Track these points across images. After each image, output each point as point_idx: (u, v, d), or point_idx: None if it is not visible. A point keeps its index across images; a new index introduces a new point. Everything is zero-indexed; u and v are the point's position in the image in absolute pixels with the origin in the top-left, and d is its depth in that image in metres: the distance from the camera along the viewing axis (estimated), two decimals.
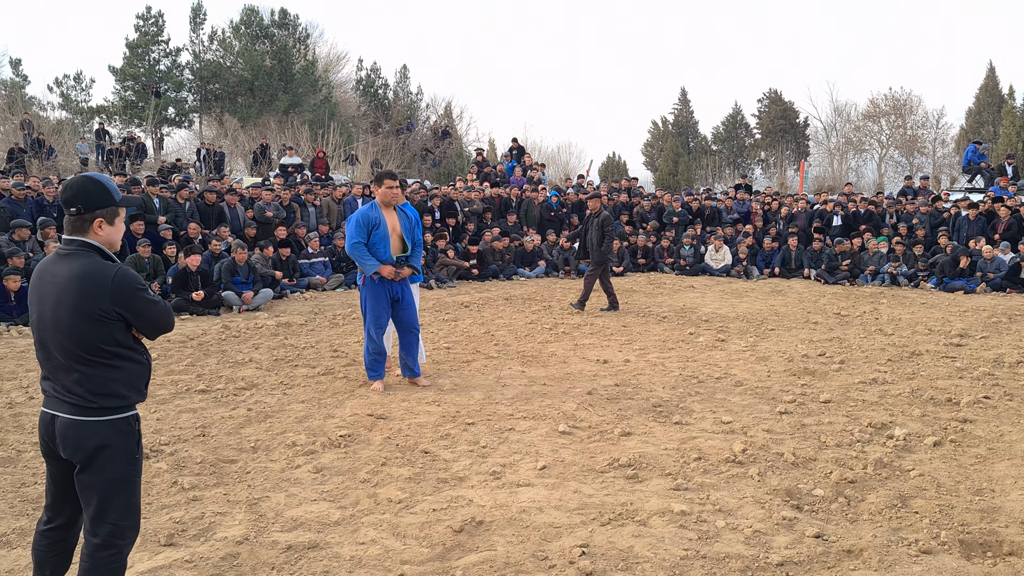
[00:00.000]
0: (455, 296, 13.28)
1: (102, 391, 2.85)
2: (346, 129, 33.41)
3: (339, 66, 41.42)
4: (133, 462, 2.94)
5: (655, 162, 46.92)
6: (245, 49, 34.80)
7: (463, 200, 17.75)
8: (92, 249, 2.88)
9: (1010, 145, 31.13)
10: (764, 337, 9.71)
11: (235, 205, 14.79)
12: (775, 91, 45.91)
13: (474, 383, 7.36)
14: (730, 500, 4.53)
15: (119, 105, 33.30)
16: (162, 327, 2.99)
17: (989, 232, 15.98)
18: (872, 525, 4.22)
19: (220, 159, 25.34)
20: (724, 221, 18.94)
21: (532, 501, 4.51)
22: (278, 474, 4.96)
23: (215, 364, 8.05)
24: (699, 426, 6.01)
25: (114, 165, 22.79)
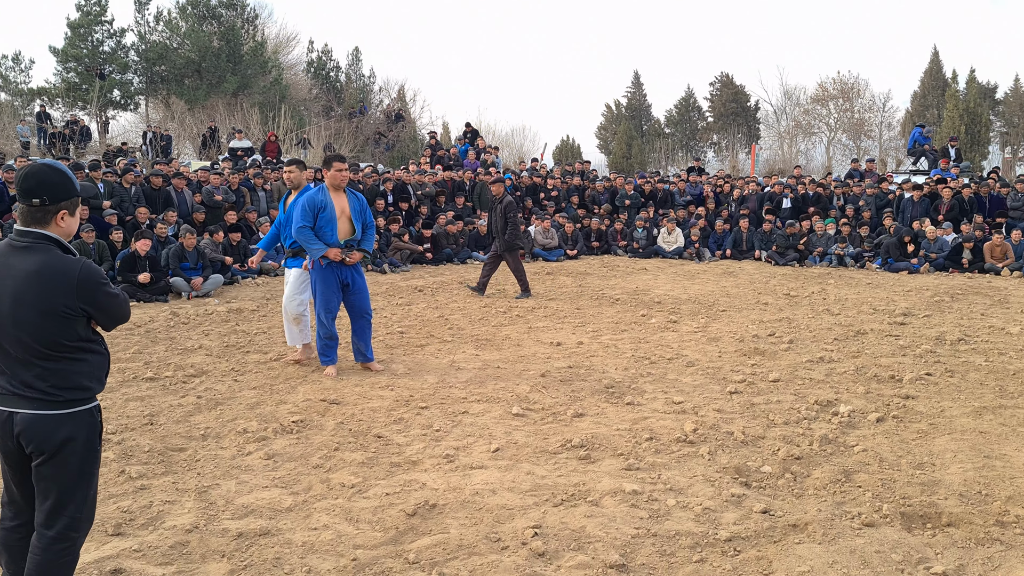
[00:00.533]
0: (409, 280, 13.23)
1: (67, 384, 2.79)
2: (297, 112, 32.90)
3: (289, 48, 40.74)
4: (94, 454, 2.90)
5: (609, 145, 47.08)
6: (192, 30, 34.00)
7: (416, 184, 17.64)
8: (51, 242, 2.79)
9: (953, 128, 31.85)
10: (715, 318, 9.84)
11: (182, 189, 14.51)
12: (727, 75, 46.35)
13: (428, 367, 7.35)
14: (681, 479, 4.60)
15: (61, 87, 32.34)
16: (121, 319, 2.96)
17: (932, 213, 16.37)
18: (817, 500, 4.32)
19: (167, 143, 24.81)
20: (677, 204, 19.11)
21: (485, 483, 4.53)
22: (228, 461, 4.91)
23: (163, 352, 7.92)
24: (651, 407, 6.08)
25: (57, 149, 22.19)
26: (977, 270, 14.37)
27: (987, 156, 34.11)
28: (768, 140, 44.15)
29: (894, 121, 41.48)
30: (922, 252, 14.87)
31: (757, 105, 45.41)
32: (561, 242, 16.85)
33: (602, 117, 50.71)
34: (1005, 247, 14.42)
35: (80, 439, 2.83)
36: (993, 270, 14.19)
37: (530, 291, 11.68)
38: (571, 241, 17.03)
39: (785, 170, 30.61)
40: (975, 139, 32.63)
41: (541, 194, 19.07)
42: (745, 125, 44.70)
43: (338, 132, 30.68)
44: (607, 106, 50.80)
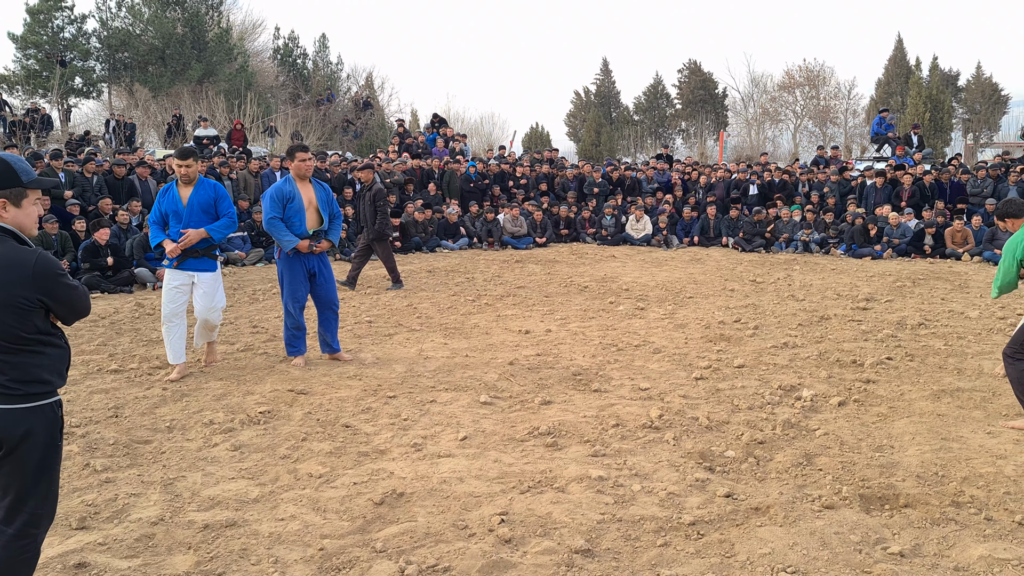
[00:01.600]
0: (377, 269, 13.17)
1: (27, 378, 2.76)
2: (264, 100, 32.54)
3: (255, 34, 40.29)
4: (55, 449, 2.86)
5: (578, 132, 47.15)
6: (155, 16, 33.46)
7: (384, 172, 17.56)
8: (6, 233, 2.76)
9: (917, 115, 32.28)
10: (682, 305, 9.93)
11: (146, 178, 14.33)
12: (695, 62, 46.53)
13: (396, 356, 7.35)
14: (646, 464, 4.66)
15: (21, 75, 31.68)
16: (81, 311, 2.92)
17: (895, 200, 16.61)
18: (779, 483, 4.40)
19: (131, 131, 24.43)
20: (644, 191, 19.21)
21: (452, 471, 4.56)
22: (195, 453, 4.89)
23: (128, 343, 7.84)
24: (617, 393, 6.14)
25: (17, 138, 21.76)
26: (938, 255, 14.62)
27: (949, 143, 34.63)
28: (736, 127, 44.49)
29: (859, 108, 41.98)
30: (885, 238, 15.09)
31: (725, 92, 45.70)
32: (530, 230, 16.88)
33: (571, 104, 50.74)
34: (965, 233, 14.69)
35: (40, 434, 2.79)
36: (954, 255, 14.45)
37: (402, 282, 11.38)
38: (540, 229, 17.06)
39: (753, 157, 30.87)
40: (938, 126, 33.11)
41: (510, 182, 19.06)
42: (713, 112, 44.94)
43: (305, 120, 30.41)
44: (576, 93, 50.86)
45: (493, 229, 16.69)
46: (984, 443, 4.97)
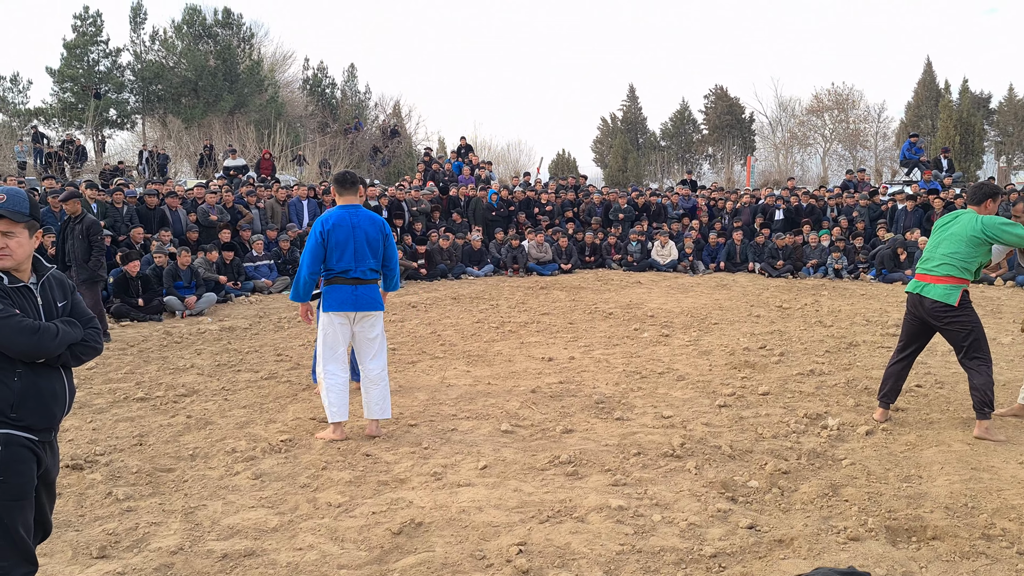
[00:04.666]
0: (403, 296, 13.23)
1: None
2: (293, 129, 33.07)
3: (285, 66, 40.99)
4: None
5: (605, 159, 47.25)
6: (188, 49, 34.21)
7: (411, 200, 17.69)
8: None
9: (947, 138, 31.96)
10: (707, 331, 9.85)
11: (177, 208, 14.55)
12: (721, 87, 46.57)
13: (418, 384, 7.35)
14: (667, 494, 4.60)
15: (57, 107, 32.51)
16: (12, 348, 2.77)
17: (926, 224, 16.40)
18: (803, 514, 4.32)
19: (164, 161, 24.90)
20: (670, 217, 19.17)
21: (472, 501, 4.53)
22: (216, 482, 4.91)
23: (155, 371, 7.92)
24: (640, 421, 6.09)
25: (53, 169, 22.23)
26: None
27: (982, 166, 34.22)
28: (764, 152, 44.37)
29: (889, 131, 41.70)
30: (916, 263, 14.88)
31: (752, 117, 45.65)
32: (555, 256, 16.88)
33: (598, 131, 50.94)
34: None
35: None
36: (986, 280, 14.21)
37: (109, 336, 9.55)
38: (565, 255, 17.06)
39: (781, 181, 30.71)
40: (969, 149, 32.72)
41: (535, 208, 19.11)
42: (740, 137, 44.86)
43: (333, 148, 30.78)
44: (603, 120, 51.06)
45: (518, 256, 16.71)
46: (1016, 473, 4.85)
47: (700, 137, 47.71)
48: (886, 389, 6.01)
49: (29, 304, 2.87)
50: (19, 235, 2.82)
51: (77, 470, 5.05)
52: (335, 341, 5.77)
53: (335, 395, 5.68)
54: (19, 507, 2.83)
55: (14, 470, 2.81)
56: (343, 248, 5.67)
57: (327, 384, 5.72)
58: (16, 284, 2.84)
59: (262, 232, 14.99)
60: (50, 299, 2.97)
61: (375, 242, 5.81)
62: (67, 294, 3.06)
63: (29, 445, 2.86)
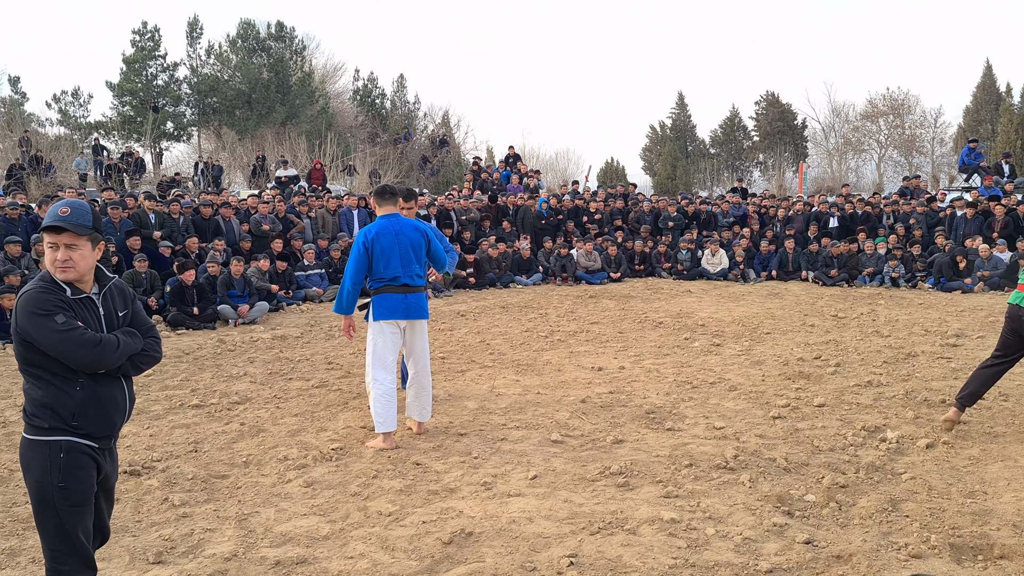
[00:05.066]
0: (451, 305, 13.28)
1: (27, 407, 2.90)
2: (344, 139, 33.48)
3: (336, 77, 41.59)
4: (52, 488, 2.85)
5: (653, 167, 46.92)
6: (242, 62, 34.92)
7: (460, 209, 17.76)
8: (45, 273, 2.93)
9: (1008, 143, 31.08)
10: (760, 341, 9.70)
11: (230, 218, 14.81)
12: (772, 93, 45.91)
13: (468, 393, 7.36)
14: (720, 507, 4.52)
15: (117, 120, 33.42)
16: (74, 359, 2.82)
17: (986, 231, 15.97)
18: (862, 530, 4.20)
19: (218, 172, 25.40)
20: (720, 225, 18.95)
21: (522, 511, 4.50)
22: (269, 489, 4.96)
23: (210, 379, 8.05)
24: (691, 432, 6.00)
25: (112, 180, 22.83)
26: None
27: None
28: (816, 158, 43.64)
29: (946, 137, 40.64)
30: (977, 272, 14.49)
31: (804, 123, 44.92)
32: (604, 265, 16.79)
33: (646, 138, 50.61)
34: None
35: (34, 470, 2.86)
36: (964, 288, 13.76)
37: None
38: (614, 264, 16.96)
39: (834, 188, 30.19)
40: None
41: (584, 217, 19.06)
42: (792, 143, 44.16)
43: (383, 158, 31.09)
44: (651, 127, 50.70)
45: (567, 264, 16.66)
46: None
47: (751, 144, 47.11)
48: (969, 391, 5.83)
49: (91, 315, 2.93)
50: (82, 248, 2.87)
51: (135, 476, 5.15)
52: (384, 350, 5.82)
53: (382, 405, 5.71)
54: (79, 512, 2.89)
55: (75, 476, 2.87)
56: (389, 255, 5.75)
57: (375, 393, 5.76)
58: (79, 295, 2.90)
59: (313, 242, 15.17)
60: (111, 309, 3.03)
61: (419, 247, 5.91)
62: (128, 303, 3.11)
63: (89, 452, 2.92)
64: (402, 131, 36.00)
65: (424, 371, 6.03)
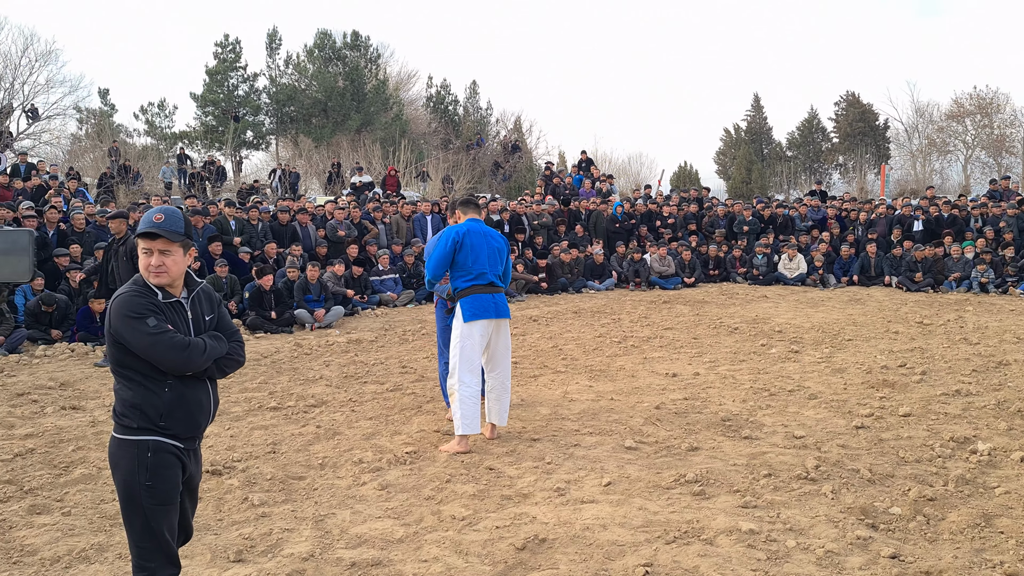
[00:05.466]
0: (524, 310, 13.28)
1: (117, 407, 2.97)
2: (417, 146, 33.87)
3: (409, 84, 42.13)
4: (139, 487, 2.91)
5: (728, 170, 46.23)
6: (319, 72, 35.67)
7: (532, 214, 17.77)
8: (140, 278, 3.01)
9: None
10: (841, 348, 9.42)
11: (307, 224, 15.11)
12: (853, 93, 44.83)
13: (541, 398, 7.33)
14: (801, 518, 4.39)
15: (200, 130, 34.52)
16: (164, 362, 2.89)
17: None
18: (953, 545, 4.03)
19: (295, 180, 25.97)
20: (798, 229, 18.52)
21: (596, 518, 4.45)
22: (344, 491, 5.02)
23: (287, 381, 8.21)
24: (770, 441, 5.86)
25: (195, 188, 23.57)
26: None
27: None
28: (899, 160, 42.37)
29: None
30: None
31: (886, 124, 43.67)
32: (678, 270, 16.58)
33: (720, 142, 49.95)
34: None
35: (123, 468, 2.94)
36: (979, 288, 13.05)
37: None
38: (688, 269, 16.73)
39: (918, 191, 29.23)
40: None
41: (657, 222, 18.86)
42: (874, 145, 42.97)
43: (456, 164, 31.35)
44: (725, 130, 50.04)
45: (640, 269, 16.50)
46: None
47: (830, 146, 46.01)
48: None
49: (180, 319, 3.01)
50: (175, 253, 2.96)
51: (216, 475, 5.27)
52: (473, 352, 5.86)
53: (468, 407, 5.74)
54: (165, 511, 2.97)
55: (161, 476, 2.95)
56: (478, 251, 5.85)
57: (461, 395, 5.78)
58: (169, 299, 2.99)
59: (388, 247, 15.37)
60: (199, 313, 3.11)
61: (503, 251, 6.05)
62: (214, 308, 3.19)
63: (175, 452, 3.00)
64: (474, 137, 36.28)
65: (506, 373, 6.08)
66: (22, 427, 6.60)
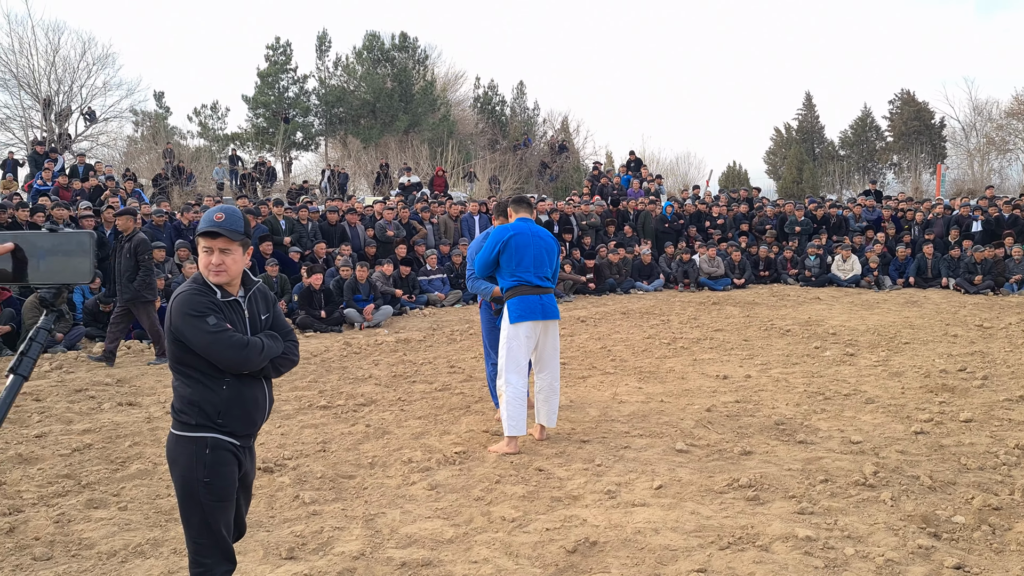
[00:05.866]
0: (572, 311, 13.22)
1: (175, 403, 2.99)
2: (464, 146, 33.96)
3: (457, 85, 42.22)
4: (198, 484, 2.93)
5: (778, 170, 45.57)
6: (367, 73, 35.96)
7: (580, 214, 17.69)
8: (199, 276, 3.04)
9: None
10: (897, 351, 9.20)
11: (356, 224, 15.23)
12: (908, 91, 43.88)
13: (590, 399, 7.27)
14: (860, 526, 4.28)
15: (251, 132, 35.04)
16: (223, 361, 2.92)
17: None
18: (1021, 556, 3.89)
19: (344, 180, 26.22)
20: (852, 229, 18.16)
21: (648, 522, 4.39)
22: (394, 490, 5.03)
23: (336, 380, 8.27)
24: (825, 446, 5.73)
25: (247, 189, 23.93)
26: None
27: None
28: (956, 159, 41.26)
29: None
30: None
31: (943, 122, 42.63)
32: (728, 271, 16.36)
33: (771, 141, 49.23)
34: None
35: (181, 465, 2.95)
36: None
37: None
38: (738, 270, 16.50)
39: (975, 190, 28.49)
40: None
41: (706, 222, 18.64)
42: (929, 144, 41.97)
43: (503, 165, 31.36)
44: (776, 130, 49.31)
45: (689, 270, 16.33)
46: None
47: (884, 145, 45.06)
48: None
49: (238, 317, 3.04)
50: (234, 252, 2.98)
51: (268, 472, 5.32)
52: (519, 353, 5.83)
53: (515, 408, 5.71)
54: (222, 508, 2.99)
55: (218, 472, 2.97)
56: (523, 252, 5.80)
57: (508, 396, 5.76)
58: (227, 298, 3.01)
59: (435, 247, 15.43)
60: (256, 312, 3.13)
61: (552, 252, 5.99)
62: (270, 307, 3.21)
63: (232, 449, 3.02)
64: (521, 137, 36.25)
65: (555, 375, 6.04)
66: (80, 422, 6.74)
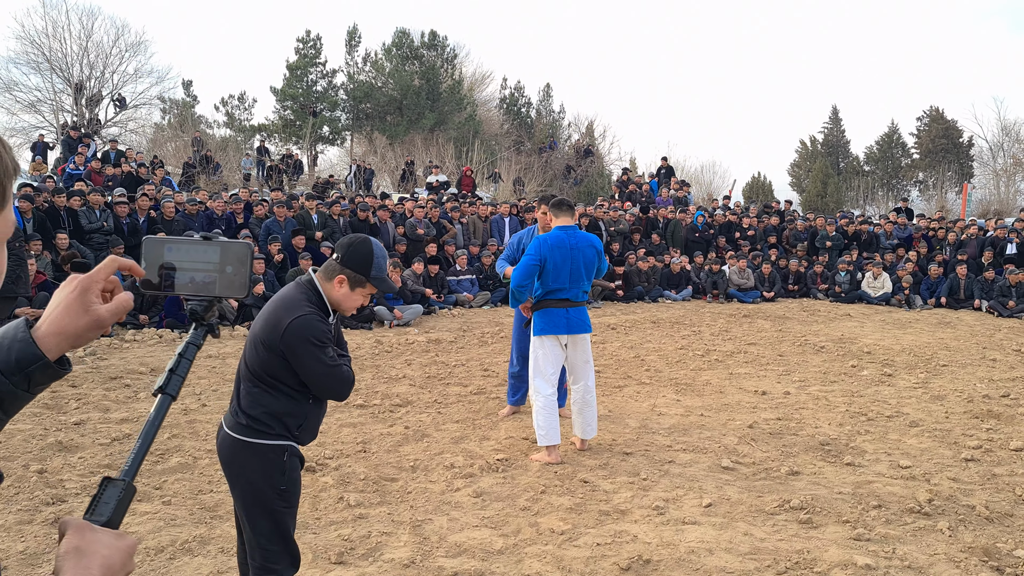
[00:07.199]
0: (601, 317, 13.12)
1: (252, 412, 2.90)
2: (489, 147, 33.89)
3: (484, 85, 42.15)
4: (275, 490, 2.89)
5: (802, 183, 45.26)
6: (396, 70, 35.96)
7: (608, 220, 17.59)
8: (312, 290, 2.95)
9: None
10: (936, 373, 9.06)
11: (386, 221, 15.19)
12: (936, 108, 43.44)
13: (628, 410, 7.19)
14: (919, 556, 4.18)
15: (279, 124, 35.09)
16: (326, 390, 2.94)
17: None
18: None
19: (370, 176, 26.21)
20: (883, 247, 17.98)
21: (700, 541, 4.31)
22: (438, 496, 4.96)
23: (370, 379, 8.22)
24: (874, 469, 5.62)
25: (273, 181, 23.94)
26: None
27: None
28: (982, 179, 40.85)
29: None
30: None
31: (971, 141, 42.22)
32: (757, 283, 16.22)
33: (795, 153, 48.90)
34: None
35: (253, 471, 2.88)
36: None
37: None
38: (768, 282, 16.37)
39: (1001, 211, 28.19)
40: None
41: (736, 233, 18.51)
42: (956, 162, 41.57)
43: (528, 166, 31.28)
44: (801, 142, 48.96)
45: (718, 281, 16.20)
46: None
47: (910, 162, 44.68)
48: None
49: (340, 340, 3.08)
50: None
51: (310, 472, 5.27)
52: (545, 362, 5.79)
53: (545, 417, 5.65)
54: (292, 514, 2.97)
55: (293, 480, 2.95)
56: (560, 270, 5.70)
57: (537, 405, 5.71)
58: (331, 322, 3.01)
59: (464, 247, 15.37)
60: (339, 329, 3.12)
61: (591, 264, 5.87)
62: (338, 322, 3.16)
63: (301, 456, 3.00)
64: (547, 140, 36.14)
65: (588, 387, 5.92)
66: (117, 411, 6.72)
